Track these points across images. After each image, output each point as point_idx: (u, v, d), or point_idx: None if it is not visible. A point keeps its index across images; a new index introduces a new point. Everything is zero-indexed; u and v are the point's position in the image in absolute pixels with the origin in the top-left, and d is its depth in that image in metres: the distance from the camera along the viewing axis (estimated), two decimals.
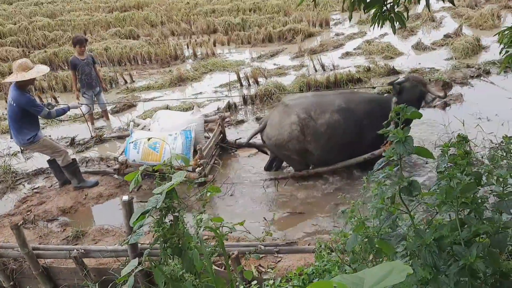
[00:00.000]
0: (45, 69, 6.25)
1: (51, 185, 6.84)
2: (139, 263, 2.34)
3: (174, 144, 6.39)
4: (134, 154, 6.41)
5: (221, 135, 7.35)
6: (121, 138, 7.99)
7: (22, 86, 5.90)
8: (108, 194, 6.46)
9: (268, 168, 6.69)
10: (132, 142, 6.44)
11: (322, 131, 5.89)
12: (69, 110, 6.44)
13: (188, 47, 14.51)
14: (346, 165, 6.25)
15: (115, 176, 6.76)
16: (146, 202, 2.23)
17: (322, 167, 6.26)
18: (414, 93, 6.02)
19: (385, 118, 5.66)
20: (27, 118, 5.97)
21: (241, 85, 10.55)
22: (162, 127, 6.89)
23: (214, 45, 14.46)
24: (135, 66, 13.43)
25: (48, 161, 6.58)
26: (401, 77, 6.22)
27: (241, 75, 10.61)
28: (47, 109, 6.04)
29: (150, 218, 2.25)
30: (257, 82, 10.45)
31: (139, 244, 4.02)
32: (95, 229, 5.59)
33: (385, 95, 6.36)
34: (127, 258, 4.18)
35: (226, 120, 7.82)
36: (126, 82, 11.73)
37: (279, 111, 6.12)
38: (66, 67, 12.91)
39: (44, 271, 4.48)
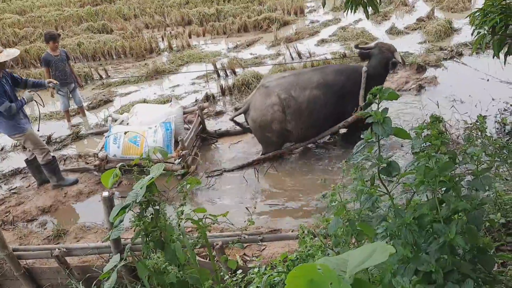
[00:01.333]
0: (15, 52, 6.05)
1: (29, 185, 6.72)
2: (122, 259, 2.33)
3: (154, 137, 6.36)
4: (114, 149, 6.36)
5: (201, 125, 7.32)
6: (100, 134, 7.85)
7: None
8: (88, 191, 6.38)
9: None
10: (109, 137, 6.37)
11: (303, 108, 6.03)
12: (26, 103, 6.04)
13: (163, 40, 14.34)
14: (323, 136, 6.41)
15: (95, 172, 6.67)
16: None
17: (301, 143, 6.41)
18: (382, 59, 6.15)
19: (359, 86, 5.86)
20: None
21: (218, 76, 10.49)
22: (140, 120, 6.84)
23: (190, 37, 14.33)
24: (110, 60, 13.22)
25: (26, 160, 6.44)
26: (369, 44, 6.36)
27: (218, 66, 10.55)
28: (9, 103, 5.72)
29: (131, 213, 2.23)
30: (234, 73, 10.41)
31: (122, 240, 3.98)
32: (77, 227, 5.53)
33: (357, 63, 6.50)
34: (111, 254, 4.14)
35: (205, 111, 7.78)
36: (101, 77, 11.53)
37: (260, 93, 6.19)
38: (38, 64, 12.62)
39: (26, 272, 4.41)
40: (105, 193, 3.70)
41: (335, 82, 6.15)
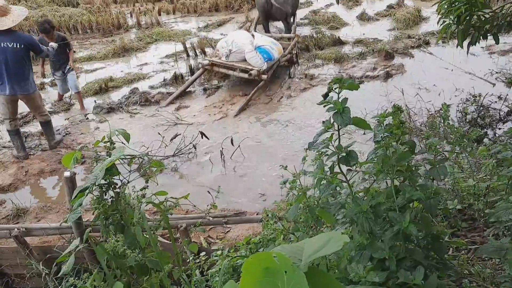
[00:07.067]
0: (24, 11, 5.86)
1: None
2: (83, 241, 2.29)
3: (272, 40, 8.70)
4: (274, 53, 8.36)
5: None
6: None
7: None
8: (50, 170, 6.22)
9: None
10: (263, 49, 8.16)
11: None
12: (54, 51, 6.41)
13: (131, 16, 13.99)
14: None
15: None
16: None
17: None
18: None
19: None
20: (30, 62, 5.80)
21: (188, 55, 10.34)
22: (244, 41, 8.51)
23: (159, 14, 14.02)
24: (75, 35, 12.79)
25: (41, 122, 6.49)
26: None
27: (188, 45, 10.39)
28: (46, 48, 5.96)
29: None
30: (204, 53, 10.28)
31: (84, 220, 3.91)
32: (37, 206, 5.39)
33: None
34: (72, 234, 4.07)
35: None
36: None
37: None
38: None
39: None
40: (67, 173, 3.62)
41: None
